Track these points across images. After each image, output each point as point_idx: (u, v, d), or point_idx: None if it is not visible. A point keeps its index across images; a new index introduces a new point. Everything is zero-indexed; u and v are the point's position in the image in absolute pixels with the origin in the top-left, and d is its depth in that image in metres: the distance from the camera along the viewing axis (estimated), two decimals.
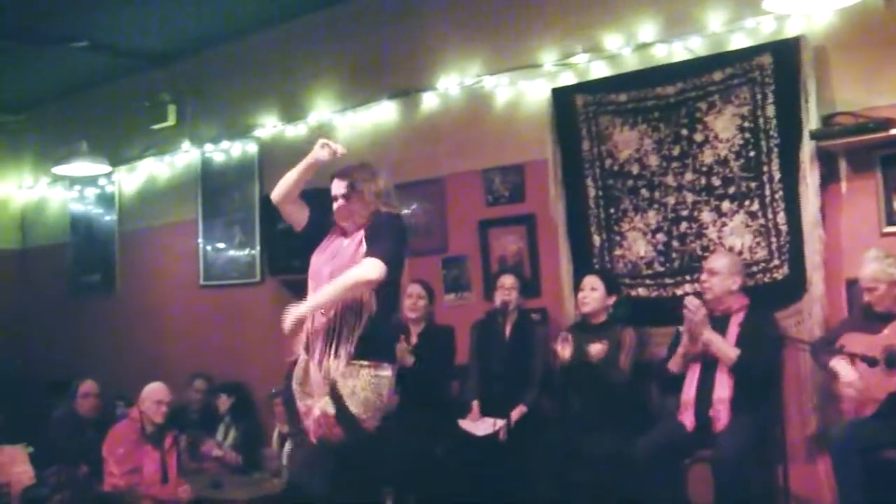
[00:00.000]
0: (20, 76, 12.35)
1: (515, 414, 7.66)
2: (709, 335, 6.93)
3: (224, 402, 10.33)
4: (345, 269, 5.84)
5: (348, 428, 5.79)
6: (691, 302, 6.97)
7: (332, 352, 5.83)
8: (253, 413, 10.43)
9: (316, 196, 8.74)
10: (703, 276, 7.16)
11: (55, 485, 8.44)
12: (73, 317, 13.41)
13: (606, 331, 7.64)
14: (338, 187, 6.14)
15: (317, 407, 5.86)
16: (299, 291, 6.12)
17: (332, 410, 5.78)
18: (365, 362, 5.81)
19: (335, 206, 6.14)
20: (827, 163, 7.18)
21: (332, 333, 5.85)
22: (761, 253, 7.45)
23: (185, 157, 11.93)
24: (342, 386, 5.77)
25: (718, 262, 7.18)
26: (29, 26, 10.45)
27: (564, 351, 7.47)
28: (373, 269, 5.74)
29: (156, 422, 8.52)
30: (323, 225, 6.25)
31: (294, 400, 6.17)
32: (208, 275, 11.73)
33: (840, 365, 6.53)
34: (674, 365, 7.19)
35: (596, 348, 7.44)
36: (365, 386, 5.80)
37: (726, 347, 6.90)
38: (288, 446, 9.08)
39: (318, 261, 6.12)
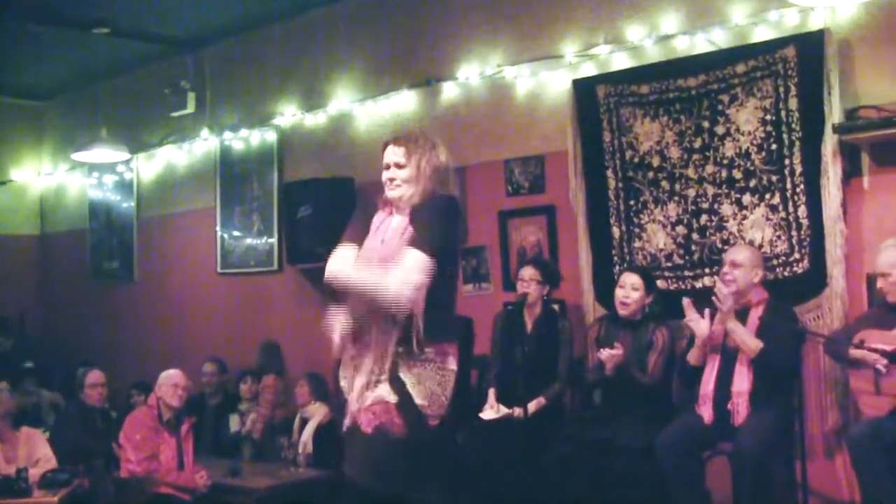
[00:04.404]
0: (41, 61, 12.39)
1: (533, 406, 7.66)
2: (733, 325, 6.90)
3: (248, 387, 10.36)
4: (392, 257, 5.18)
5: (410, 419, 5.24)
6: (720, 290, 6.94)
7: (394, 342, 5.22)
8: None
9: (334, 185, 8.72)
10: (726, 269, 7.08)
11: (74, 471, 8.46)
12: (93, 303, 13.51)
13: (640, 328, 7.61)
14: (393, 154, 5.44)
15: (371, 395, 5.27)
16: (319, 281, 6.00)
17: (392, 399, 5.22)
18: (430, 353, 5.25)
19: (385, 175, 5.46)
20: (850, 157, 7.15)
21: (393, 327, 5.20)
22: (781, 247, 7.43)
23: (204, 144, 11.96)
24: (406, 374, 5.24)
25: (741, 254, 7.12)
26: (51, 10, 10.46)
27: (611, 361, 7.43)
28: (415, 268, 5.07)
29: (173, 405, 8.53)
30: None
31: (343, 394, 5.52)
32: (226, 263, 11.75)
33: (858, 352, 6.50)
34: (692, 357, 7.17)
35: (606, 353, 7.38)
36: (431, 376, 5.28)
37: (750, 338, 6.85)
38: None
39: (369, 245, 5.45)
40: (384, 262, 5.19)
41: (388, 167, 5.43)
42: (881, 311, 6.71)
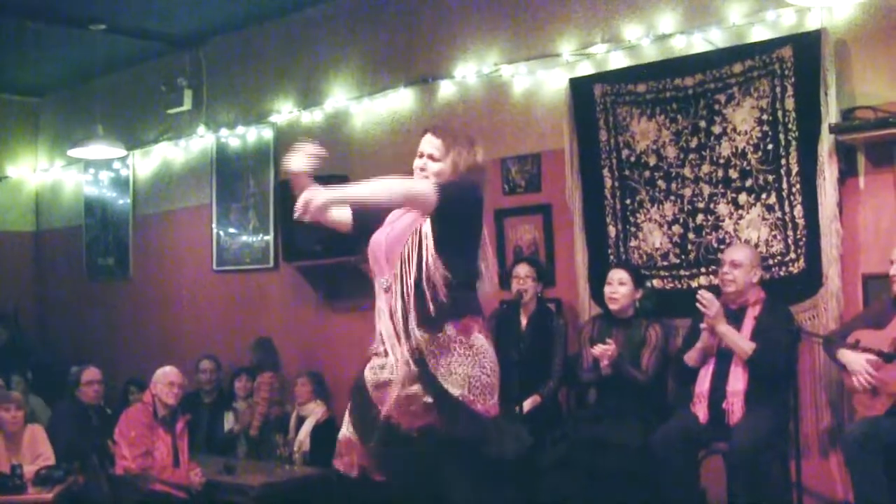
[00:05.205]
0: (37, 58, 12.34)
1: (528, 404, 7.66)
2: (724, 329, 6.90)
3: (243, 385, 10.36)
4: (401, 237, 5.12)
5: (454, 417, 4.93)
6: (704, 296, 6.94)
7: (410, 327, 5.00)
8: None
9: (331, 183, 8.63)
10: (725, 269, 7.08)
11: (69, 468, 8.46)
12: (88, 300, 13.48)
13: (632, 325, 7.60)
14: (429, 145, 5.27)
15: (405, 392, 4.97)
16: (315, 278, 5.99)
17: (428, 398, 4.94)
18: (451, 330, 5.00)
19: (417, 163, 5.29)
20: (846, 157, 7.15)
21: (403, 311, 5.02)
22: (777, 246, 7.43)
23: (201, 141, 11.93)
24: (435, 367, 4.95)
25: (740, 253, 7.12)
26: (48, 7, 10.45)
27: (604, 356, 7.41)
28: (424, 185, 5.07)
29: (168, 403, 8.54)
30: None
31: (367, 398, 5.21)
32: (222, 260, 11.73)
33: (847, 356, 6.51)
34: (691, 359, 7.17)
35: (599, 349, 7.37)
36: (461, 361, 4.95)
37: (742, 341, 6.86)
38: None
39: (378, 234, 5.30)
40: (388, 246, 5.16)
41: (421, 156, 5.28)
42: (882, 305, 6.71)
